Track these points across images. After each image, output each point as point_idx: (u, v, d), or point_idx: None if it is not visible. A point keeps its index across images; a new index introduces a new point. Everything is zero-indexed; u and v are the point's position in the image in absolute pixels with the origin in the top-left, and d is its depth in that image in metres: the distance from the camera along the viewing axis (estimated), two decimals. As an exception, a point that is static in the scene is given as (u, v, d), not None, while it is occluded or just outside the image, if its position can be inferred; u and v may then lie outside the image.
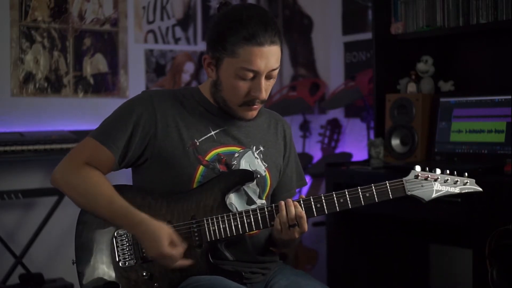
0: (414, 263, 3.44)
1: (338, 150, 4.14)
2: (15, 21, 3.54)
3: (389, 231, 3.34)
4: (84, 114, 3.70)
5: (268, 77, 1.85)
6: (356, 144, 4.09)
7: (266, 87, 1.86)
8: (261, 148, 1.97)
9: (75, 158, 1.88)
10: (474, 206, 2.53)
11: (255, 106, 1.88)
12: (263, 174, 1.95)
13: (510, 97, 2.81)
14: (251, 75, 1.82)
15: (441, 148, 3.04)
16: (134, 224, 1.79)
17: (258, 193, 1.95)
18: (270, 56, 1.81)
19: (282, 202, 1.81)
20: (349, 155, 4.00)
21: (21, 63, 3.55)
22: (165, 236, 1.77)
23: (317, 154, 4.22)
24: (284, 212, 1.80)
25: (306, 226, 1.80)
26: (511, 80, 2.93)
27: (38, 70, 3.61)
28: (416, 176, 1.83)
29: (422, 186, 1.83)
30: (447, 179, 1.84)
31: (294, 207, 1.80)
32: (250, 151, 1.95)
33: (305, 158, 4.13)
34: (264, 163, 1.96)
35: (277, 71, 1.87)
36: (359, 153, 3.97)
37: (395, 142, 3.16)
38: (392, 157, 3.16)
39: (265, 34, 1.79)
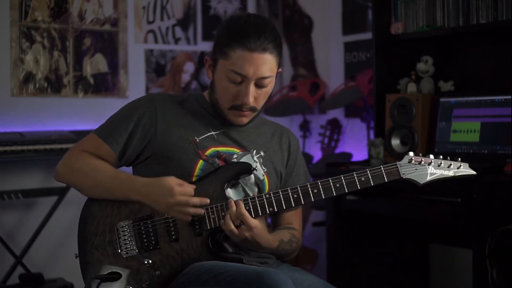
0: (414, 263, 3.44)
1: (338, 150, 4.14)
2: (15, 21, 3.54)
3: (389, 231, 3.34)
4: (84, 114, 3.70)
5: (260, 85, 1.88)
6: (356, 144, 4.09)
7: (256, 95, 1.89)
8: (262, 153, 2.00)
9: (76, 150, 1.97)
10: (474, 206, 2.53)
11: (244, 112, 1.91)
12: (261, 178, 1.98)
13: (510, 97, 2.81)
14: (239, 78, 1.86)
15: (441, 148, 3.04)
16: (140, 186, 1.86)
17: (256, 193, 1.96)
18: (261, 64, 1.84)
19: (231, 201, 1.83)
20: (349, 155, 4.00)
21: (21, 63, 3.55)
22: (171, 182, 1.82)
23: (317, 154, 4.22)
24: (228, 215, 1.81)
25: (251, 222, 1.80)
26: (511, 80, 2.93)
27: (38, 70, 3.60)
28: (410, 160, 1.86)
29: (416, 169, 1.85)
30: (441, 163, 1.87)
31: (235, 206, 1.81)
32: (250, 154, 1.98)
33: (305, 158, 4.10)
34: (264, 168, 1.99)
35: (269, 80, 1.89)
36: (359, 153, 3.97)
37: (395, 142, 3.16)
38: (392, 157, 3.16)
39: (257, 40, 1.82)
